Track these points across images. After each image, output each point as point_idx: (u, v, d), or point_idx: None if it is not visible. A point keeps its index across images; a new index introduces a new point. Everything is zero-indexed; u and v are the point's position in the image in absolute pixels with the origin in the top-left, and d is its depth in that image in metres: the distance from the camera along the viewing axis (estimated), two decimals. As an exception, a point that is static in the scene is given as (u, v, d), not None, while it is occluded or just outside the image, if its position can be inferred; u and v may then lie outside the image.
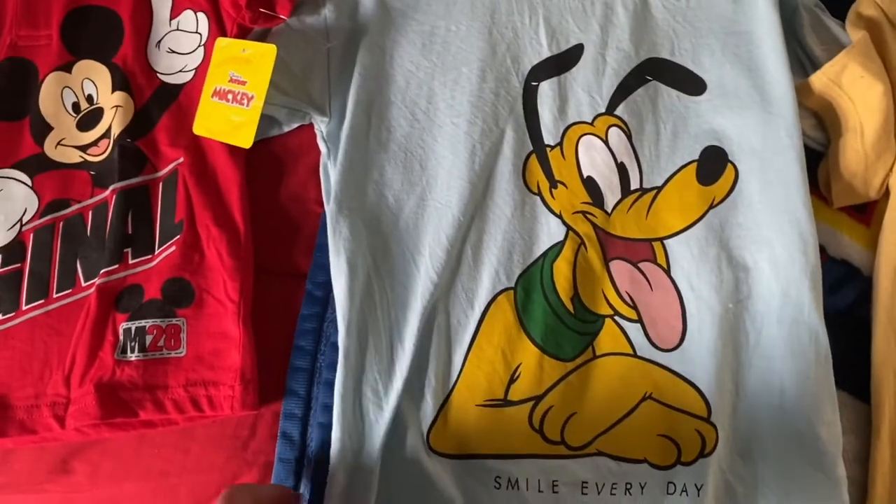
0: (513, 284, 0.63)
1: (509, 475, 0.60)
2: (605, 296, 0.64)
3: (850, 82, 0.64)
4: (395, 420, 0.61)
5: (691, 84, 0.67)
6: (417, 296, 0.62)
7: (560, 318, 0.63)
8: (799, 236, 0.62)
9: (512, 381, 0.62)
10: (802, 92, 0.66)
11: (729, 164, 0.65)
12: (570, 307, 0.63)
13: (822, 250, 0.66)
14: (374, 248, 0.64)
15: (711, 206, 0.65)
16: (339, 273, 0.63)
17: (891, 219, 0.65)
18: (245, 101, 0.66)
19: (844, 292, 0.66)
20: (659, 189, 0.65)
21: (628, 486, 0.60)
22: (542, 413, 0.61)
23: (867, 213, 0.68)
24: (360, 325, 0.62)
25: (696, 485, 0.59)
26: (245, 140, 0.65)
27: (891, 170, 0.65)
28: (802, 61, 0.69)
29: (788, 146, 0.64)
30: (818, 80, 0.65)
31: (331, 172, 0.67)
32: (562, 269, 0.63)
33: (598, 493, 0.60)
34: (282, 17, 0.68)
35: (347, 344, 0.62)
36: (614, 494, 0.60)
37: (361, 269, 0.63)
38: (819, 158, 0.69)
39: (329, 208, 0.65)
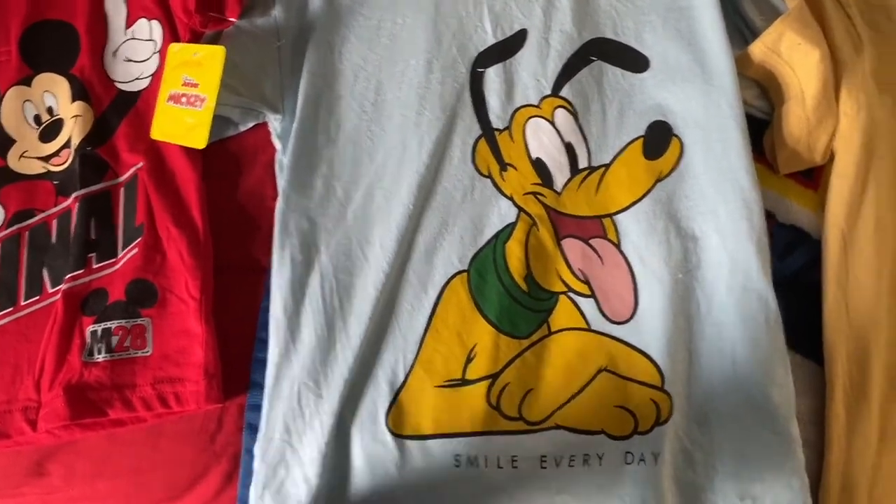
0: (466, 267, 0.64)
1: (468, 454, 0.61)
2: (558, 273, 0.65)
3: (788, 50, 0.65)
4: (351, 407, 0.62)
5: (634, 61, 0.68)
6: (367, 286, 0.63)
7: (514, 298, 0.64)
8: (743, 203, 0.63)
9: (469, 360, 0.63)
10: (743, 62, 0.67)
11: (674, 138, 0.66)
12: (524, 286, 0.64)
13: (772, 217, 0.67)
14: (320, 240, 0.65)
15: (659, 180, 0.65)
16: (282, 267, 0.64)
17: (834, 183, 0.65)
18: (198, 103, 0.67)
19: (795, 256, 0.67)
20: (607, 166, 0.66)
21: (586, 458, 0.60)
22: (499, 390, 0.62)
23: (814, 178, 0.69)
24: (293, 316, 0.63)
25: (653, 453, 0.60)
26: (199, 141, 0.66)
27: (833, 134, 0.65)
28: (744, 33, 0.70)
29: (729, 116, 0.65)
30: (757, 48, 0.66)
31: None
32: (514, 250, 0.65)
33: (557, 466, 0.60)
34: (231, 19, 0.70)
35: (284, 336, 0.63)
36: (573, 466, 0.60)
37: (304, 262, 0.64)
38: (765, 127, 0.69)
39: (277, 205, 0.66)
